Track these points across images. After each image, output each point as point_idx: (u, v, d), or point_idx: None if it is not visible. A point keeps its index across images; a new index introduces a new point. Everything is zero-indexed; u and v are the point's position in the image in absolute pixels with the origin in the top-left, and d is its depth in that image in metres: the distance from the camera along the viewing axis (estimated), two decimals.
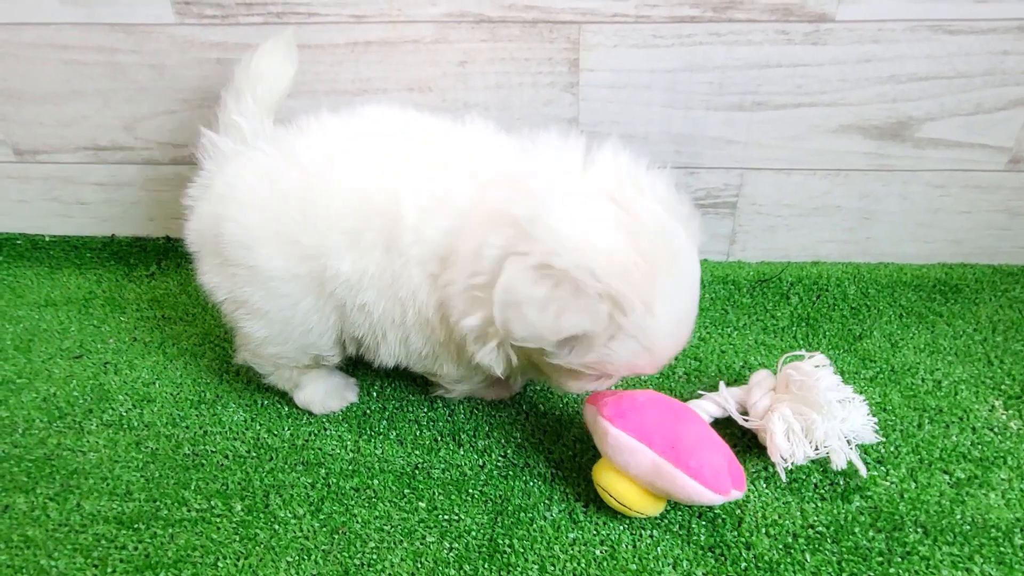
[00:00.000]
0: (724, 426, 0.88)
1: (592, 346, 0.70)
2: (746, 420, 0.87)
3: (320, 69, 1.06)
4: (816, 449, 0.81)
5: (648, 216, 0.69)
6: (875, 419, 0.84)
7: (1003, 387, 0.96)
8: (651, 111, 1.05)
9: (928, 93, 1.00)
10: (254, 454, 0.91)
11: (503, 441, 0.92)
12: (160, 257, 1.25)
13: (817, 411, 0.82)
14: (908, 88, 1.00)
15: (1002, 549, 0.77)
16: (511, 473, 0.88)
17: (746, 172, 1.10)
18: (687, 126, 1.06)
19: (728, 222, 1.15)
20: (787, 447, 0.81)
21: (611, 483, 0.79)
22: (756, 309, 1.10)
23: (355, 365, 1.03)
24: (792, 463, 0.81)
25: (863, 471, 0.82)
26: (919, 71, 0.99)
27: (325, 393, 0.96)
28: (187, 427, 0.95)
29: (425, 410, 0.96)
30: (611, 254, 0.66)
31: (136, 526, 0.83)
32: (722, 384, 0.90)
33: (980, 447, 0.88)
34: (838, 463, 0.80)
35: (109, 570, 0.78)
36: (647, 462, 0.76)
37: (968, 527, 0.79)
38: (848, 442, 0.82)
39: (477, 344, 0.75)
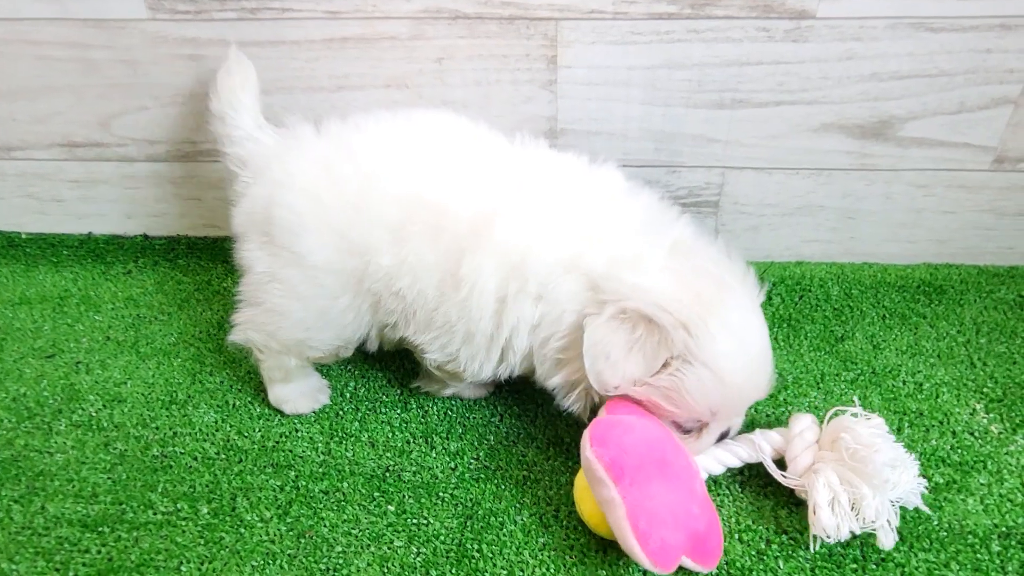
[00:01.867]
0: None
1: (667, 371, 0.75)
2: (784, 476, 0.79)
3: (296, 65, 1.04)
4: (863, 525, 0.73)
5: (697, 270, 0.76)
6: (925, 481, 0.78)
7: (985, 390, 0.94)
8: (630, 108, 1.04)
9: (910, 91, 0.99)
10: (223, 456, 0.90)
11: (476, 443, 0.90)
12: (137, 255, 1.24)
13: (868, 484, 0.73)
14: (890, 86, 0.99)
15: (979, 556, 0.76)
16: (483, 476, 0.86)
17: (728, 171, 1.08)
18: (667, 124, 1.05)
19: (710, 221, 1.13)
20: (832, 523, 0.73)
21: (579, 495, 0.78)
22: None
23: (328, 366, 1.02)
24: (836, 539, 0.74)
25: (890, 546, 0.74)
26: (901, 69, 0.97)
27: (300, 393, 0.95)
28: (157, 428, 0.94)
29: (398, 411, 0.95)
30: (667, 292, 0.74)
31: (100, 529, 0.82)
32: (758, 430, 0.83)
33: (960, 451, 0.87)
34: (886, 543, 0.73)
35: (71, 574, 0.77)
36: (607, 496, 0.70)
37: (945, 533, 0.78)
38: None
39: (562, 394, 0.81)
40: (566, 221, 0.78)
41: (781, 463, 0.81)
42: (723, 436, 0.82)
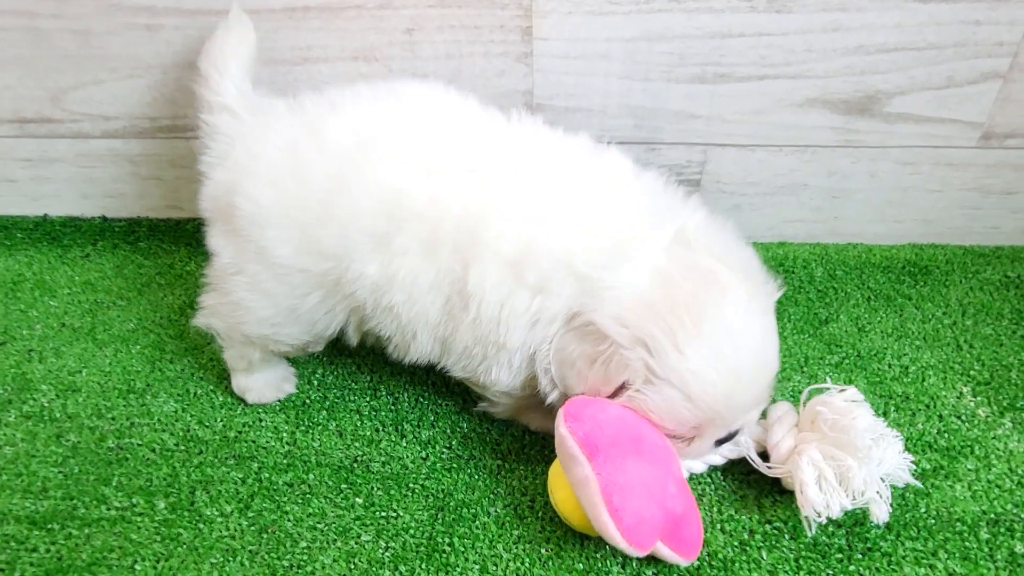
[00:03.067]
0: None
1: (630, 391, 0.70)
2: (769, 467, 0.76)
3: (256, 37, 0.99)
4: (853, 499, 0.71)
5: (689, 268, 0.69)
6: (911, 457, 0.75)
7: (972, 372, 0.92)
8: (609, 83, 1.00)
9: (897, 65, 0.96)
10: (183, 447, 0.85)
11: (448, 432, 0.87)
12: (96, 238, 1.18)
13: (853, 455, 0.71)
14: (877, 60, 0.95)
15: (967, 544, 0.74)
16: (455, 466, 0.83)
17: (709, 148, 1.05)
18: (647, 99, 1.01)
19: None
20: (821, 500, 0.71)
21: (553, 484, 0.73)
22: None
23: None
24: (827, 517, 0.71)
25: (885, 519, 0.71)
26: (888, 42, 0.94)
27: (265, 383, 0.91)
28: (113, 419, 0.89)
29: (368, 399, 0.91)
30: (639, 297, 0.68)
31: (50, 526, 0.77)
32: None
33: (947, 436, 0.84)
34: (879, 516, 0.70)
35: (17, 574, 0.73)
36: (580, 475, 0.67)
37: (932, 521, 0.76)
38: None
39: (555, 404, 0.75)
40: (561, 211, 0.72)
41: (765, 456, 0.77)
42: (730, 437, 0.75)
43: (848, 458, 0.71)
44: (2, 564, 0.74)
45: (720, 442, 0.75)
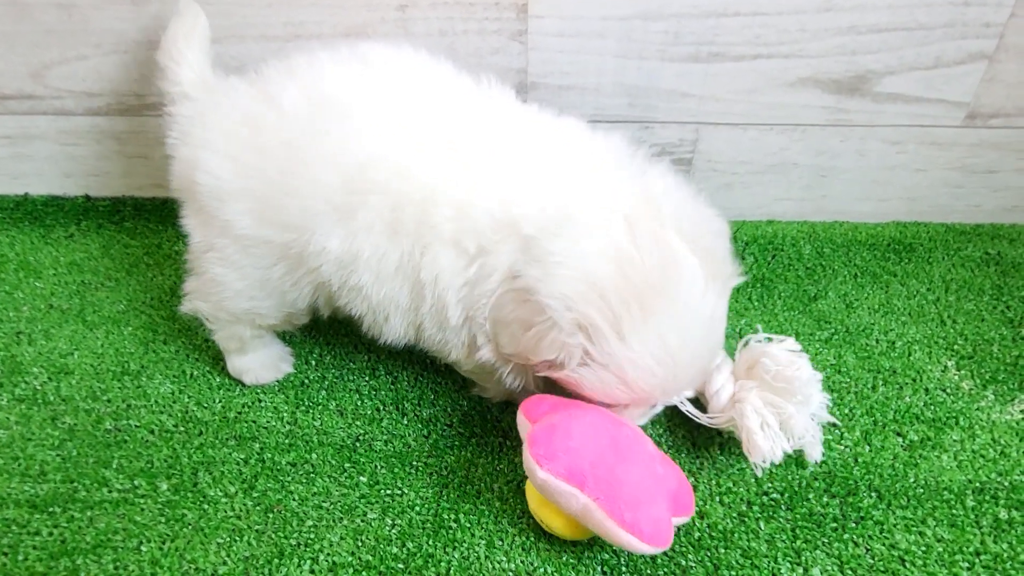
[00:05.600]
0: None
1: (566, 370, 0.68)
2: (710, 419, 0.78)
3: (248, 12, 0.97)
4: (792, 443, 0.75)
5: (652, 248, 0.65)
6: (828, 396, 0.80)
7: (956, 347, 0.95)
8: (603, 61, 1.00)
9: (888, 45, 0.97)
10: (182, 428, 0.85)
11: (449, 410, 0.87)
12: (80, 217, 1.16)
13: (793, 402, 0.74)
14: (868, 40, 0.97)
15: (954, 511, 0.77)
16: (457, 444, 0.84)
17: (702, 127, 1.06)
18: (641, 78, 1.01)
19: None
20: (768, 446, 0.73)
21: (538, 509, 0.72)
22: None
23: (292, 332, 0.97)
24: (771, 462, 0.74)
25: (819, 457, 0.77)
26: (880, 22, 0.95)
27: (261, 364, 0.90)
28: (109, 401, 0.88)
29: (367, 378, 0.91)
30: (593, 281, 0.64)
31: (51, 509, 0.77)
32: None
33: (933, 408, 0.87)
34: (815, 456, 0.75)
35: (20, 558, 0.72)
36: (578, 505, 0.66)
37: (921, 490, 0.78)
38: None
39: (496, 367, 0.73)
40: (509, 175, 0.69)
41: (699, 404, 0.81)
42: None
43: (788, 405, 0.74)
44: (5, 548, 0.73)
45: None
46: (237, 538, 0.74)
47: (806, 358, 0.77)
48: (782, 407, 0.74)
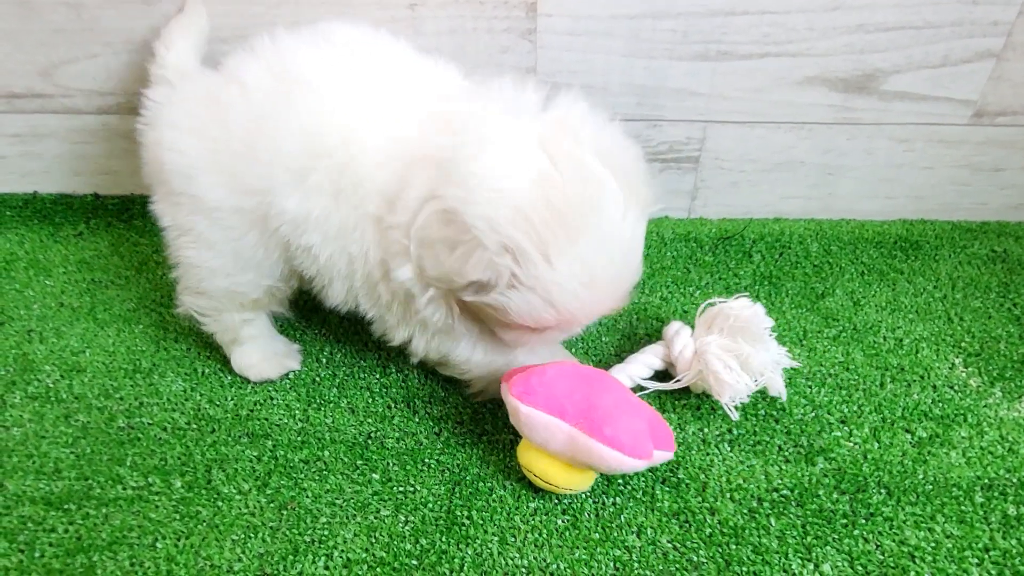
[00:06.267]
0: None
1: (493, 293, 0.68)
2: (676, 380, 0.85)
3: (257, 11, 0.97)
4: (755, 380, 0.82)
5: (573, 169, 0.66)
6: (785, 348, 0.86)
7: (963, 344, 0.95)
8: (612, 60, 1.00)
9: (896, 44, 0.97)
10: (195, 426, 0.85)
11: (460, 408, 0.88)
12: (88, 216, 1.16)
13: (750, 343, 0.82)
14: (876, 38, 0.97)
15: (963, 508, 0.77)
16: (469, 441, 0.84)
17: (709, 125, 1.06)
18: (649, 77, 1.01)
19: (690, 177, 1.11)
20: (732, 380, 0.80)
21: (533, 462, 0.76)
22: (719, 267, 1.07)
23: (303, 331, 0.98)
24: (739, 400, 0.82)
25: (783, 394, 0.84)
26: (888, 21, 0.95)
27: (263, 358, 0.91)
28: (121, 399, 0.89)
29: (378, 376, 0.92)
30: (517, 205, 0.64)
31: (66, 506, 0.77)
32: (638, 352, 0.89)
33: (941, 405, 0.87)
34: (778, 389, 0.82)
35: (37, 554, 0.73)
36: (563, 436, 0.72)
37: (930, 487, 0.79)
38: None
39: (416, 295, 0.72)
40: (433, 119, 0.71)
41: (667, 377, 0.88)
42: None
43: (745, 345, 0.81)
44: (21, 545, 0.74)
45: None
46: (252, 535, 0.75)
47: (759, 306, 0.84)
48: (740, 348, 0.81)
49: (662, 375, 0.88)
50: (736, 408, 0.83)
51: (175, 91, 0.81)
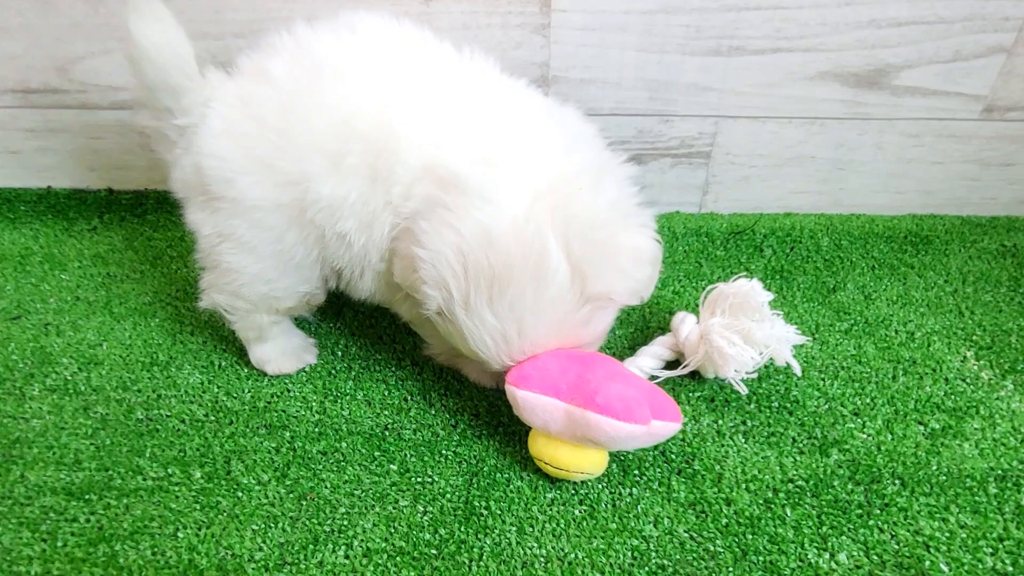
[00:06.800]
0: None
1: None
2: (684, 365, 0.87)
3: (273, 6, 0.98)
4: (760, 353, 0.84)
5: (527, 243, 0.68)
6: (795, 327, 0.87)
7: (974, 338, 0.96)
8: (625, 55, 1.01)
9: (907, 39, 0.98)
10: (212, 418, 0.86)
11: (475, 400, 0.88)
12: (102, 210, 1.17)
13: (750, 317, 0.84)
14: (888, 34, 0.97)
15: (977, 498, 0.78)
16: (485, 433, 0.85)
17: (721, 120, 1.07)
18: (662, 72, 1.02)
19: (702, 173, 1.12)
20: (737, 354, 0.83)
21: (542, 449, 0.77)
22: (730, 262, 1.08)
23: (317, 324, 0.99)
24: (744, 373, 0.84)
25: (798, 369, 0.86)
26: (899, 16, 0.96)
27: (282, 353, 0.91)
28: (139, 391, 0.89)
29: (393, 369, 0.92)
30: (462, 253, 0.69)
31: (87, 497, 0.78)
32: (647, 345, 0.90)
33: (953, 397, 0.88)
34: (785, 357, 0.84)
35: (60, 544, 0.74)
36: (560, 414, 0.74)
37: (944, 478, 0.80)
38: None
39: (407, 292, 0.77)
40: (455, 128, 0.74)
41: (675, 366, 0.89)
42: None
43: (746, 320, 0.84)
44: (44, 534, 0.74)
45: None
46: (272, 525, 0.75)
47: (756, 282, 0.86)
48: (741, 324, 0.84)
49: (673, 366, 0.89)
50: (749, 389, 0.85)
51: (204, 101, 0.78)
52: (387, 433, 0.85)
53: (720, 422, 0.85)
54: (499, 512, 0.77)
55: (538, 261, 0.69)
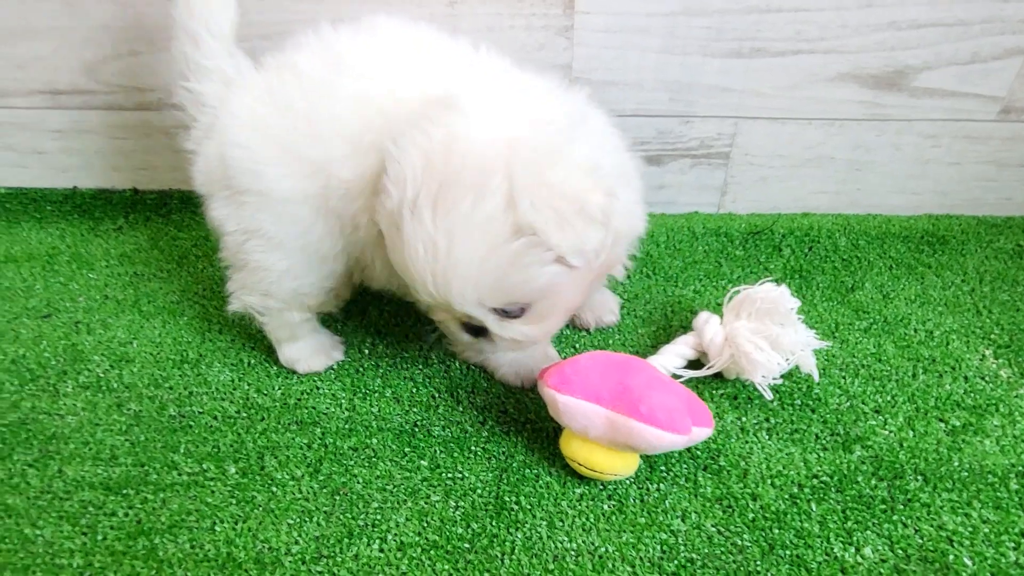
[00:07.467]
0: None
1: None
2: (709, 367, 0.88)
3: (301, 8, 1.00)
4: (786, 359, 0.85)
5: (470, 161, 0.67)
6: (814, 331, 0.88)
7: (992, 336, 0.97)
8: (646, 57, 1.02)
9: (926, 41, 0.99)
10: (244, 414, 0.88)
11: (503, 397, 0.90)
12: (127, 210, 1.19)
13: (779, 324, 0.85)
14: (907, 36, 0.99)
15: (999, 494, 0.79)
16: (513, 430, 0.86)
17: (740, 121, 1.08)
18: (683, 73, 1.03)
19: (720, 173, 1.13)
20: (764, 359, 0.84)
21: (576, 451, 0.78)
22: (749, 262, 1.09)
23: (343, 322, 1.00)
24: (772, 378, 0.85)
25: (817, 377, 0.88)
26: (919, 18, 0.97)
27: (312, 351, 0.93)
28: (170, 388, 0.91)
29: (420, 367, 0.94)
30: (424, 159, 0.68)
31: (125, 491, 0.79)
32: (670, 343, 0.91)
33: (973, 395, 0.89)
34: (810, 367, 0.86)
35: (99, 537, 0.75)
36: (601, 420, 0.75)
37: (965, 473, 0.81)
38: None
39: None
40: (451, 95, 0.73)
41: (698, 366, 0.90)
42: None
43: (773, 326, 0.85)
44: (84, 528, 0.76)
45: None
46: (307, 519, 0.77)
47: (784, 288, 0.87)
48: (768, 329, 0.85)
49: (694, 365, 0.91)
50: (770, 388, 0.86)
51: (231, 90, 0.81)
52: (416, 429, 0.86)
53: (744, 419, 0.87)
54: (529, 507, 0.78)
55: (482, 176, 0.66)
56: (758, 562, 0.73)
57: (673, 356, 0.90)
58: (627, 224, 0.76)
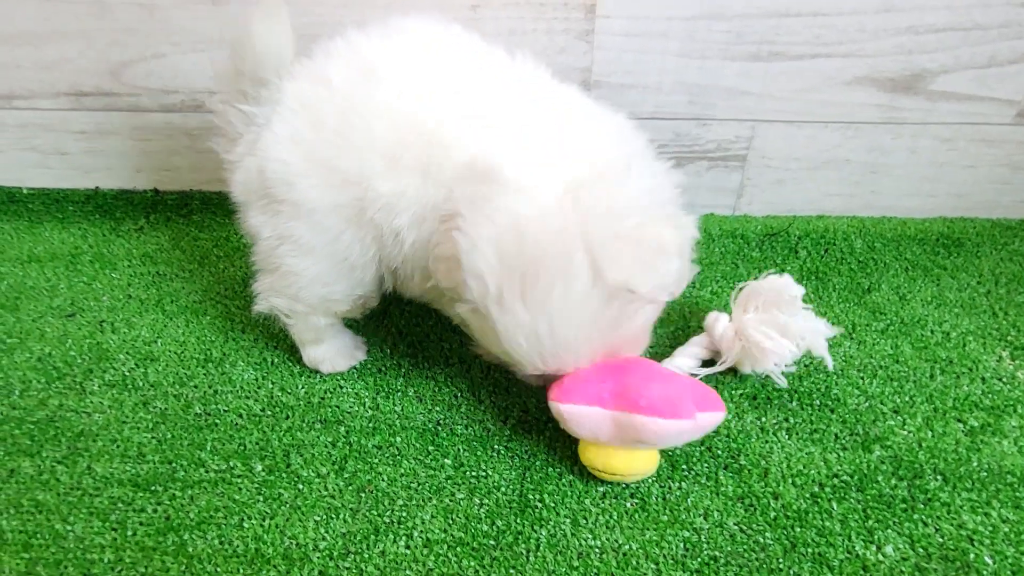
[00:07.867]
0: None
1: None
2: (722, 362, 0.89)
3: (323, 11, 1.01)
4: (797, 346, 0.86)
5: (556, 233, 0.68)
6: (824, 319, 0.89)
7: (1009, 338, 0.98)
8: (666, 60, 1.03)
9: (944, 45, 1.00)
10: (269, 413, 0.89)
11: (523, 396, 0.91)
12: (148, 211, 1.20)
13: (784, 311, 0.87)
14: (925, 40, 0.99)
15: (1018, 494, 0.80)
16: (535, 429, 0.87)
17: (758, 124, 1.09)
18: (702, 76, 1.04)
19: (737, 175, 1.14)
20: (774, 347, 0.85)
21: (594, 458, 0.79)
22: (766, 263, 1.10)
23: (364, 322, 1.01)
24: (784, 365, 0.87)
25: (830, 363, 0.88)
26: (937, 22, 0.98)
27: (336, 352, 0.94)
28: (195, 386, 0.92)
29: (441, 366, 0.95)
30: (498, 244, 0.68)
31: (153, 488, 0.80)
32: (683, 345, 0.92)
33: (991, 396, 0.90)
34: (820, 349, 0.86)
35: (129, 533, 0.76)
36: (607, 422, 0.76)
37: (985, 473, 0.82)
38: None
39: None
40: (502, 128, 0.74)
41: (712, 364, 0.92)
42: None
43: (780, 315, 0.86)
44: (113, 524, 0.77)
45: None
46: (333, 516, 0.78)
47: (787, 276, 0.89)
48: (776, 318, 0.86)
49: (709, 364, 0.91)
50: (788, 389, 0.88)
51: (272, 106, 0.79)
52: (439, 428, 0.87)
53: (763, 419, 0.87)
54: (553, 505, 0.79)
55: (564, 256, 0.69)
56: (780, 560, 0.74)
57: (687, 357, 0.91)
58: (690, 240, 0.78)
